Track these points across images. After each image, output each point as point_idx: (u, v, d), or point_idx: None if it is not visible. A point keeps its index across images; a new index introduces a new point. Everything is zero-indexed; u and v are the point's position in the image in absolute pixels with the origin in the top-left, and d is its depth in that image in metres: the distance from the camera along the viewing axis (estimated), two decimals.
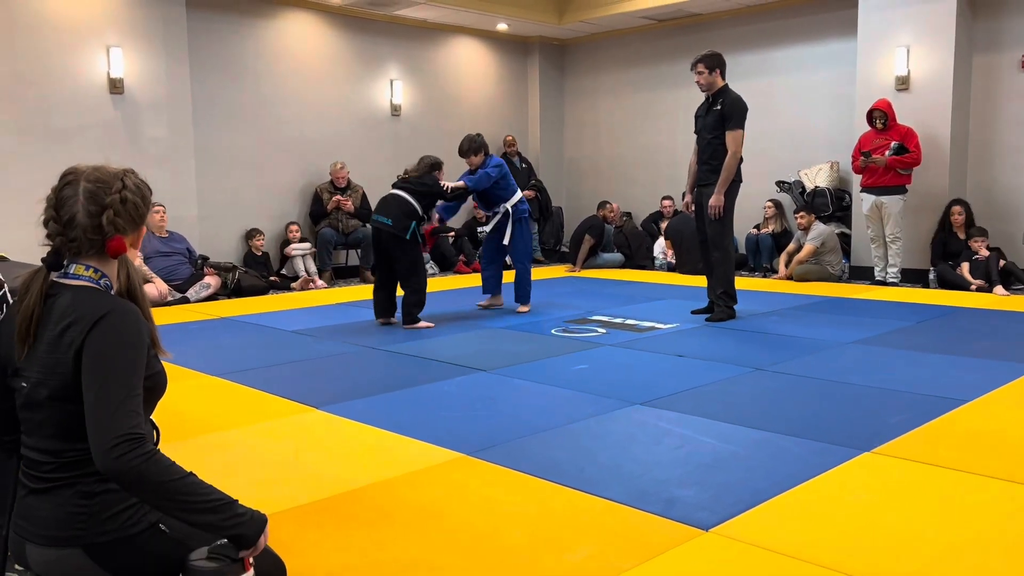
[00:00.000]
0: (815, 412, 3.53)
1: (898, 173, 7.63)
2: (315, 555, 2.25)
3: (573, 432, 3.30)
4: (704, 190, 6.08)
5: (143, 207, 1.71)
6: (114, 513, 1.62)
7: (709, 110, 6.03)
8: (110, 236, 1.65)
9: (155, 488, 1.53)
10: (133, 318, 1.63)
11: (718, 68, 5.96)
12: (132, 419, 1.55)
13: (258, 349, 5.15)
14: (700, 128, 6.12)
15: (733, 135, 5.86)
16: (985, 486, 2.66)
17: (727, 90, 5.98)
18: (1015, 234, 7.92)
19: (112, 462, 1.50)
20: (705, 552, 2.22)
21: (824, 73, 9.02)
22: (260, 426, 3.49)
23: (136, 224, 1.70)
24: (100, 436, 1.52)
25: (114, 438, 1.51)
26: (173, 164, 7.84)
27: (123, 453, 1.51)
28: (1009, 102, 7.89)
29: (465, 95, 10.64)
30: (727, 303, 5.97)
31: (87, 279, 1.65)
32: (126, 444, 1.52)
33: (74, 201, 1.63)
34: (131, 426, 1.54)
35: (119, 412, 1.54)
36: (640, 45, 10.60)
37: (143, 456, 1.52)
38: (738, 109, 5.89)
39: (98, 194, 1.64)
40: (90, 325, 1.57)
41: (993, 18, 7.92)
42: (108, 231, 1.64)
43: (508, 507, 2.56)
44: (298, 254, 8.57)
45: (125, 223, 1.66)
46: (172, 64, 7.83)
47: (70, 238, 1.64)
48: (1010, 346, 4.82)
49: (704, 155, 6.05)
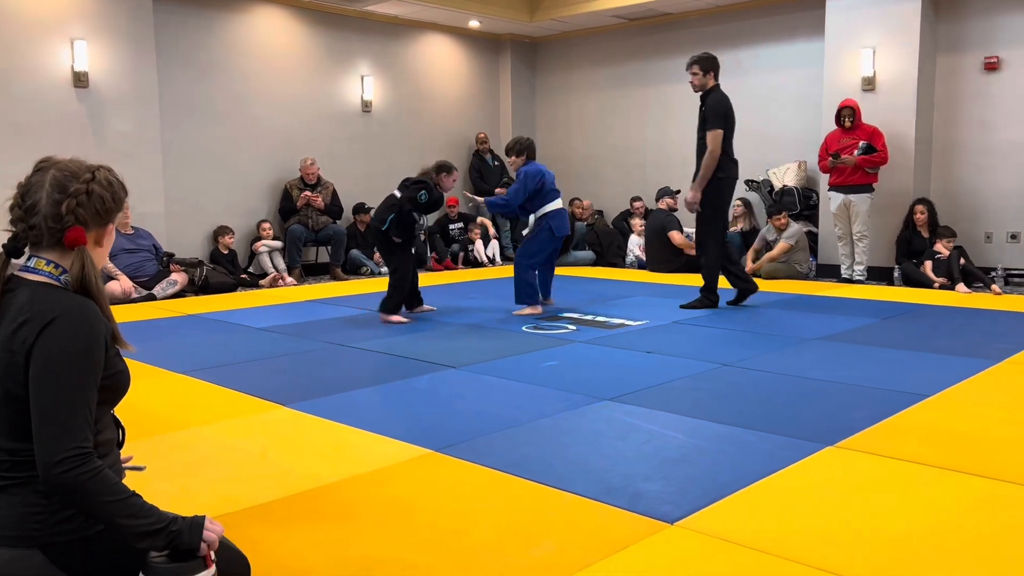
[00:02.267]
0: (780, 407, 3.57)
1: (866, 172, 7.75)
2: (281, 552, 2.24)
3: (541, 428, 3.31)
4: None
5: (111, 203, 1.67)
6: (71, 515, 1.59)
7: (700, 110, 6.19)
8: (69, 225, 1.61)
9: (97, 505, 1.50)
10: (85, 320, 1.57)
11: (711, 70, 6.12)
12: (79, 433, 1.51)
13: (225, 346, 5.11)
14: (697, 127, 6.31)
15: (712, 134, 6.00)
16: (945, 479, 2.71)
17: (712, 91, 6.11)
18: (977, 233, 8.08)
19: (56, 477, 1.48)
20: (670, 545, 2.24)
21: (792, 73, 9.12)
22: (226, 423, 3.46)
23: (100, 218, 1.66)
24: (45, 450, 1.49)
25: (61, 452, 1.48)
26: (139, 159, 7.74)
27: (68, 469, 1.48)
28: (972, 103, 8.04)
29: (437, 92, 10.62)
30: (707, 298, 6.31)
31: (46, 274, 1.61)
32: (71, 460, 1.49)
33: (39, 188, 1.61)
34: (78, 440, 1.50)
35: (65, 426, 1.50)
36: (611, 44, 10.65)
37: (88, 473, 1.49)
38: (716, 109, 6.01)
39: (64, 182, 1.61)
40: (40, 327, 1.53)
41: (957, 20, 8.06)
42: (67, 220, 1.60)
43: (476, 503, 2.57)
44: (265, 251, 8.50)
45: (88, 215, 1.63)
46: (138, 58, 7.73)
47: (30, 224, 1.61)
48: (970, 343, 4.92)
49: (698, 151, 6.21)
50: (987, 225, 8.05)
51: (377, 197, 9.81)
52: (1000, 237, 7.99)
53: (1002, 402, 3.64)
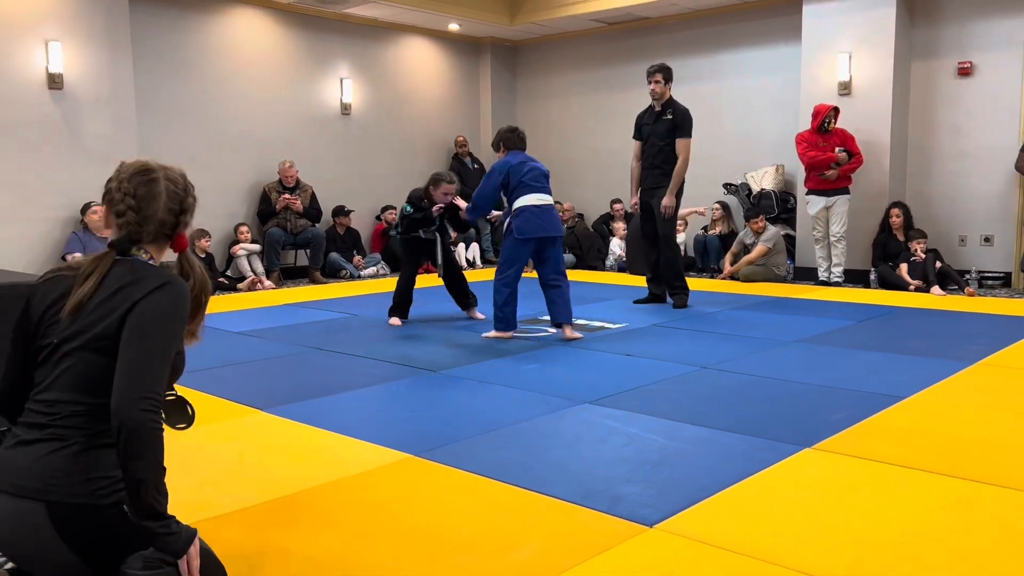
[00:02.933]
0: (759, 409, 3.60)
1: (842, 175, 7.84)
2: (259, 558, 2.22)
3: (521, 431, 3.31)
4: (656, 192, 6.48)
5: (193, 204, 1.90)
6: (90, 478, 1.64)
7: (658, 118, 6.44)
8: (180, 233, 1.85)
9: (143, 458, 1.58)
10: (185, 295, 1.76)
11: (671, 80, 6.45)
12: (162, 385, 1.65)
13: (202, 350, 5.06)
14: (648, 135, 6.52)
15: (684, 143, 6.35)
16: (921, 480, 2.74)
17: (674, 100, 6.46)
18: (952, 236, 8.18)
19: (136, 412, 1.56)
20: (649, 548, 2.24)
21: (769, 77, 9.19)
22: (204, 429, 3.43)
23: (190, 221, 1.90)
24: (132, 386, 1.59)
25: (145, 393, 1.59)
26: (115, 162, 7.48)
27: (147, 409, 1.58)
28: (946, 108, 8.15)
29: (417, 95, 10.60)
30: (683, 291, 6.51)
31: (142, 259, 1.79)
32: (153, 403, 1.60)
33: (155, 198, 1.78)
34: (159, 391, 1.63)
35: (156, 373, 1.63)
36: (590, 47, 10.69)
37: (156, 422, 1.60)
38: (688, 119, 6.37)
39: (179, 194, 1.82)
40: (150, 289, 1.70)
41: (931, 26, 8.16)
42: (180, 229, 1.85)
43: (455, 507, 2.56)
44: (243, 254, 8.44)
45: (188, 219, 1.87)
46: (114, 59, 7.65)
47: (146, 230, 1.78)
48: (945, 344, 4.97)
49: (655, 160, 6.47)
50: (961, 228, 8.16)
51: (356, 200, 9.81)
52: (974, 240, 8.09)
53: (977, 403, 3.69)
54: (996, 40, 7.82)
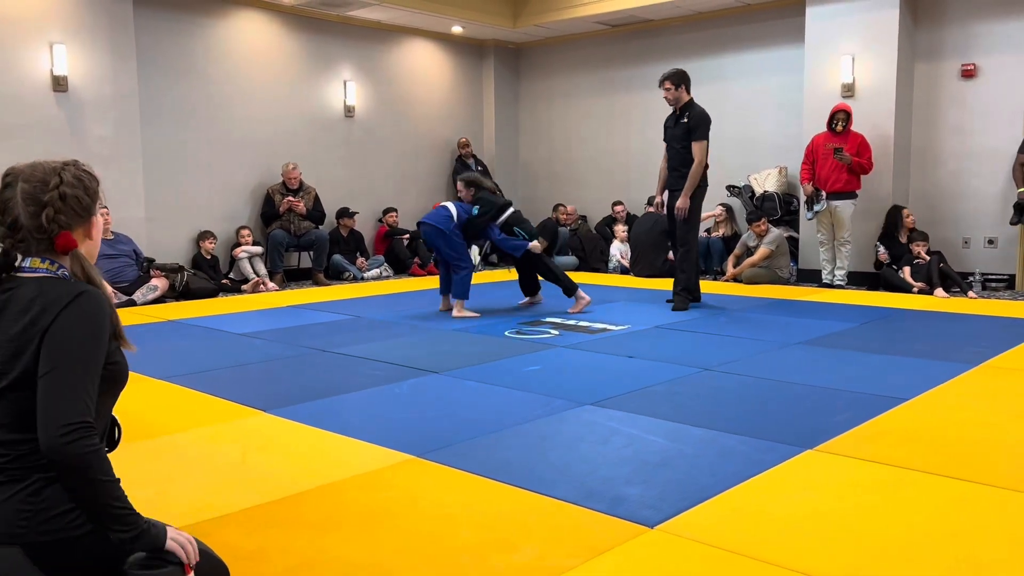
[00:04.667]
0: (761, 411, 3.59)
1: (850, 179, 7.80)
2: (261, 559, 2.22)
3: (523, 432, 3.31)
4: (675, 194, 6.69)
5: (86, 198, 1.70)
6: (59, 512, 1.59)
7: (677, 122, 6.65)
8: (55, 233, 1.64)
9: (90, 482, 1.52)
10: (100, 304, 1.63)
11: (683, 84, 6.55)
12: (87, 405, 1.55)
13: (206, 352, 5.07)
14: (669, 138, 6.71)
15: (699, 145, 6.46)
16: (923, 482, 2.73)
17: (693, 104, 6.61)
18: (955, 238, 8.17)
19: (62, 446, 1.49)
20: (650, 549, 2.24)
21: (773, 80, 9.19)
22: (206, 430, 3.44)
23: (82, 216, 1.69)
24: (53, 417, 1.50)
25: (67, 422, 1.50)
26: (119, 164, 7.69)
27: (75, 439, 1.50)
28: (949, 109, 8.14)
29: (420, 97, 10.62)
30: (687, 296, 6.60)
31: (45, 271, 1.65)
32: (79, 431, 1.51)
33: (14, 203, 1.63)
34: (84, 414, 1.53)
35: (76, 396, 1.53)
36: (594, 50, 10.69)
37: (90, 446, 1.51)
38: (703, 122, 6.50)
39: (35, 194, 1.63)
40: (61, 307, 1.57)
41: (934, 28, 8.16)
42: (52, 229, 1.64)
43: (457, 508, 2.56)
44: (245, 256, 8.45)
45: (69, 218, 1.66)
46: (118, 62, 7.68)
47: (18, 239, 1.64)
48: (948, 346, 4.97)
49: (674, 162, 6.69)
50: (965, 230, 8.14)
51: (359, 202, 9.83)
52: (978, 242, 8.08)
53: (979, 405, 3.68)
54: (1000, 42, 7.81)
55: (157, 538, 1.60)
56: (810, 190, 7.89)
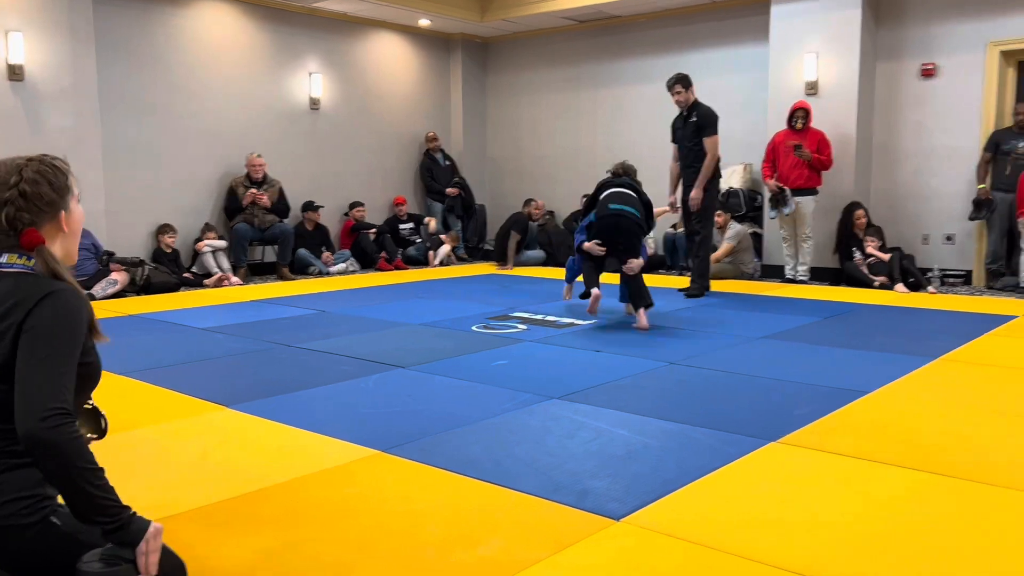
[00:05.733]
0: (725, 404, 3.62)
1: (811, 175, 7.90)
2: (220, 556, 2.19)
3: (490, 427, 3.30)
4: (691, 189, 6.98)
5: (51, 193, 1.71)
6: (12, 499, 1.59)
7: (686, 122, 7.00)
8: (21, 231, 1.66)
9: (71, 468, 1.52)
10: (76, 299, 1.66)
11: (691, 86, 7.00)
12: (67, 394, 1.57)
13: (167, 347, 4.99)
14: (680, 138, 7.10)
15: (711, 140, 6.87)
16: (883, 473, 2.78)
17: (699, 103, 6.99)
18: (915, 235, 8.31)
19: (42, 431, 1.50)
20: (615, 541, 2.25)
21: (738, 77, 9.27)
22: (166, 425, 3.38)
23: (48, 212, 1.70)
24: (34, 402, 1.52)
25: (49, 407, 1.52)
26: (78, 155, 7.51)
27: (56, 425, 1.51)
28: (910, 108, 8.27)
29: (387, 90, 10.54)
30: (701, 286, 7.02)
31: (20, 266, 1.66)
32: (59, 416, 1.52)
33: None
34: (64, 401, 1.55)
35: (57, 383, 1.55)
36: (561, 45, 10.70)
37: (70, 433, 1.53)
38: (712, 118, 6.91)
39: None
40: (35, 302, 1.59)
41: (895, 28, 8.28)
42: (17, 226, 1.66)
43: (422, 503, 2.55)
44: (209, 250, 8.33)
45: (33, 215, 1.67)
46: (77, 51, 7.51)
47: None
48: (908, 340, 5.05)
49: (688, 160, 7.01)
50: (924, 227, 8.29)
51: (325, 195, 9.73)
52: (937, 239, 8.23)
53: (937, 398, 3.75)
54: (958, 42, 7.95)
55: (135, 535, 1.58)
56: (774, 187, 7.97)
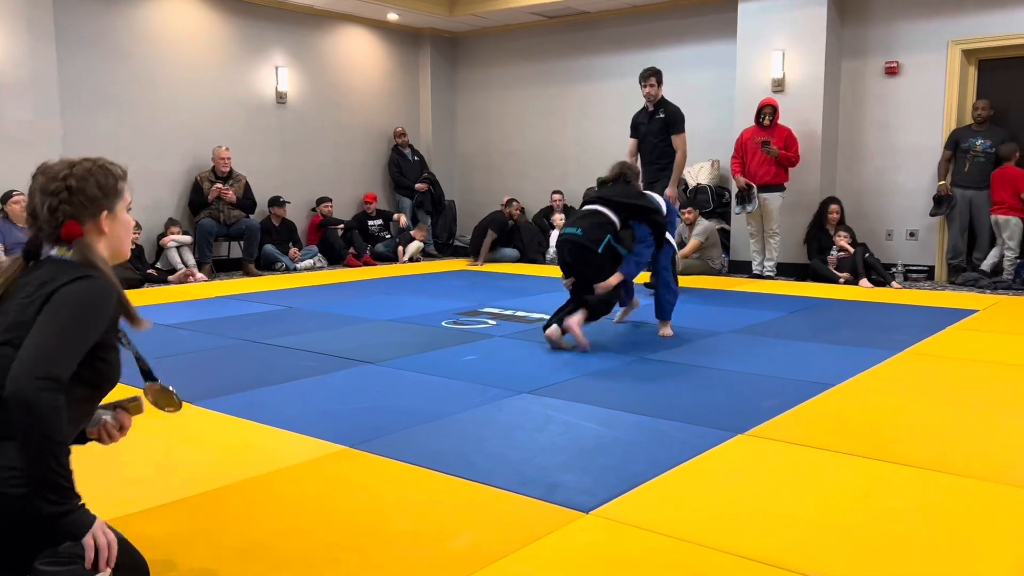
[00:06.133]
0: (693, 398, 3.64)
1: (778, 172, 7.97)
2: (184, 553, 2.14)
3: (459, 422, 3.28)
4: (653, 186, 6.74)
5: (96, 191, 1.81)
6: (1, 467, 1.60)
7: (652, 118, 6.92)
8: (62, 222, 1.76)
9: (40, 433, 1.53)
10: (104, 288, 1.73)
11: (662, 83, 6.95)
12: (65, 368, 1.61)
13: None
14: (644, 133, 6.99)
15: (681, 138, 6.85)
16: (849, 463, 2.80)
17: (666, 100, 6.94)
18: (879, 231, 8.43)
19: (30, 390, 1.53)
20: (584, 533, 2.24)
21: (706, 74, 9.33)
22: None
23: (90, 208, 1.79)
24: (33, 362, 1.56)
25: (45, 371, 1.56)
26: (37, 148, 7.34)
27: (44, 388, 1.54)
28: (874, 106, 8.39)
29: (355, 85, 10.45)
30: None
31: (62, 256, 1.78)
32: (51, 382, 1.56)
33: (33, 195, 1.80)
34: (61, 373, 1.59)
35: (58, 354, 1.60)
36: (531, 41, 10.69)
37: (55, 401, 1.55)
38: (680, 117, 6.88)
39: (46, 185, 1.78)
40: (66, 281, 1.69)
41: (860, 26, 8.39)
42: (59, 218, 1.77)
43: (391, 498, 2.52)
44: (174, 246, 8.20)
45: (75, 209, 1.78)
46: (35, 42, 7.34)
47: (38, 227, 1.79)
48: (872, 334, 5.12)
49: (652, 156, 6.94)
50: (888, 223, 8.41)
51: (292, 191, 9.63)
52: (900, 235, 8.36)
53: (901, 390, 3.80)
54: (921, 41, 8.07)
55: (81, 526, 1.59)
56: (743, 183, 8.03)
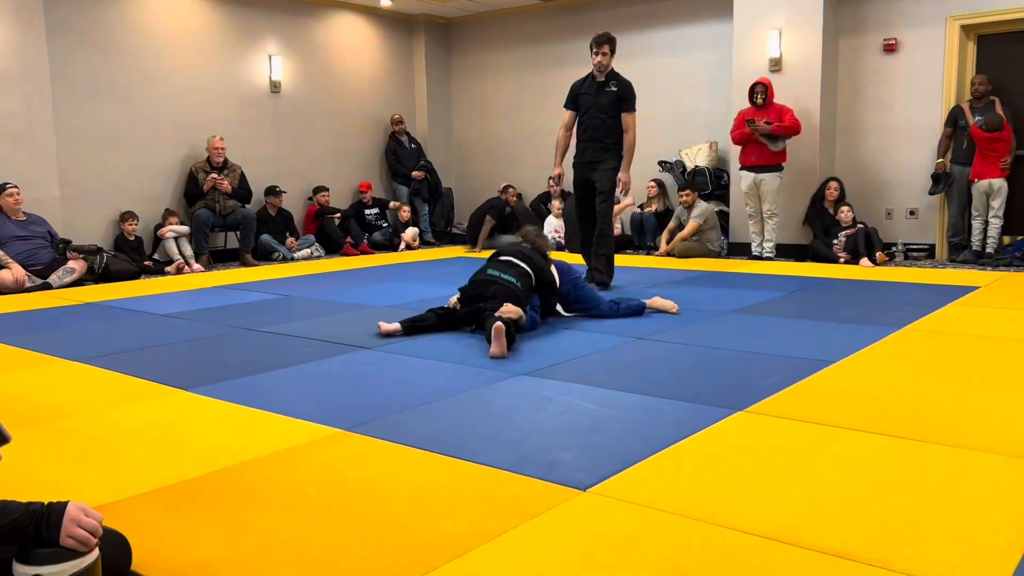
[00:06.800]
0: (692, 376, 3.61)
1: (774, 152, 7.91)
2: (173, 538, 2.12)
3: (456, 404, 3.25)
4: (597, 166, 6.19)
5: None
6: None
7: (600, 89, 6.13)
8: None
9: None
10: None
11: (615, 52, 6.15)
12: None
13: (125, 333, 4.87)
14: (589, 105, 6.17)
15: (632, 117, 6.12)
16: (849, 439, 2.77)
17: (617, 73, 6.16)
18: (879, 210, 8.38)
19: None
20: (582, 511, 2.22)
21: (703, 55, 9.26)
22: (123, 409, 3.28)
23: None
24: None
25: None
26: (30, 142, 7.31)
27: None
28: (872, 84, 8.32)
29: (349, 72, 10.39)
30: (606, 274, 6.18)
31: None
32: None
33: None
34: None
35: None
36: (525, 25, 10.61)
37: None
38: (633, 92, 6.21)
39: None
40: None
41: (857, 3, 8.31)
42: None
43: (386, 480, 2.49)
44: (171, 236, 8.16)
45: None
46: (26, 33, 7.28)
47: None
48: (872, 312, 5.09)
49: (596, 133, 6.17)
50: (888, 202, 8.37)
51: (288, 180, 9.58)
52: (900, 213, 8.31)
53: (901, 366, 3.77)
54: (920, 18, 8.00)
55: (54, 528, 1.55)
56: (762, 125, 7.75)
